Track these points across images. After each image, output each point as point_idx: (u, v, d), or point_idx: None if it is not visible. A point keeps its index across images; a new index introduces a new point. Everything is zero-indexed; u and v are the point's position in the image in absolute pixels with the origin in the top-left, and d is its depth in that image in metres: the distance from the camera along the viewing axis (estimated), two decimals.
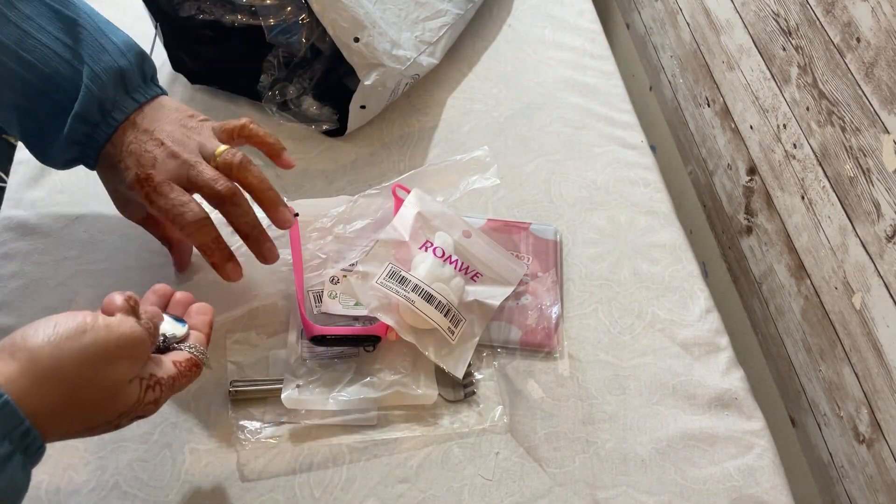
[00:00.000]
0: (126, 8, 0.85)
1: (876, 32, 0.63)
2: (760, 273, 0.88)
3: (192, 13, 0.71)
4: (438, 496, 0.54)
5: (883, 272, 0.64)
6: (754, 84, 0.85)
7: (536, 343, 0.62)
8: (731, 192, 0.93)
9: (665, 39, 1.10)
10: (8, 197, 0.68)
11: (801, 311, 0.79)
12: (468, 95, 0.83)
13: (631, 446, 0.58)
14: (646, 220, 0.73)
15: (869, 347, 0.67)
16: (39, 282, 0.62)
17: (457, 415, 0.58)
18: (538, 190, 0.74)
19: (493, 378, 0.60)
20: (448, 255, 0.61)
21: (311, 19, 0.69)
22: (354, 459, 0.55)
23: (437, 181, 0.67)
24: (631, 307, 0.66)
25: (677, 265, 0.70)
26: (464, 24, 0.86)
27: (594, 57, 0.89)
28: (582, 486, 0.55)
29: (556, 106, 0.83)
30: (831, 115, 0.70)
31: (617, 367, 0.62)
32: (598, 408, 0.60)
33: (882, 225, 0.64)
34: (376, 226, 0.65)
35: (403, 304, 0.57)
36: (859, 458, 0.70)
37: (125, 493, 0.52)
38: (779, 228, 0.82)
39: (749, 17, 0.85)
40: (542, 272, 0.67)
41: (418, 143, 0.78)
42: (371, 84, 0.71)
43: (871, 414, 0.68)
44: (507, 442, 0.57)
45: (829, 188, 0.71)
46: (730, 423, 0.60)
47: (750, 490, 0.56)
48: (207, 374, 0.58)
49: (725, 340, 0.65)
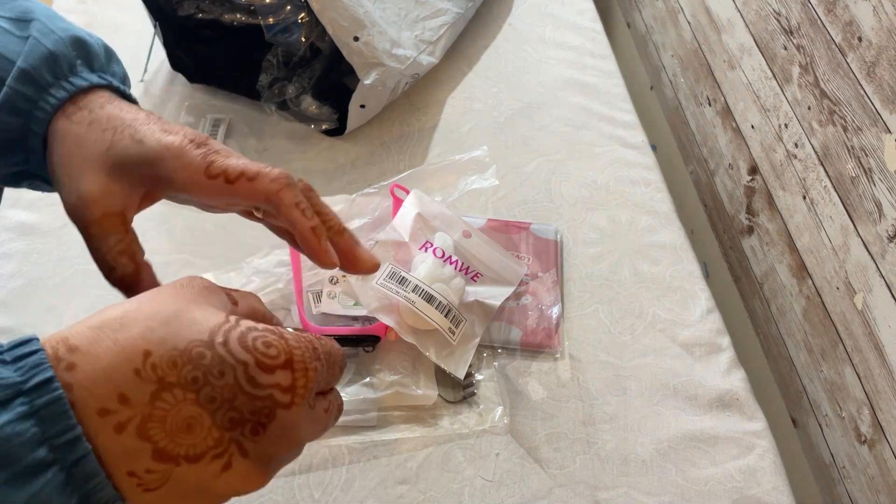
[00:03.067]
0: (126, 8, 0.85)
1: (877, 32, 0.63)
2: (762, 273, 0.87)
3: (191, 12, 0.71)
4: (438, 497, 0.54)
5: (885, 272, 0.64)
6: (755, 83, 0.84)
7: (537, 343, 0.62)
8: (732, 192, 0.93)
9: (666, 38, 1.10)
10: (7, 196, 0.68)
11: (802, 312, 0.78)
12: (468, 95, 0.83)
13: (632, 447, 0.58)
14: (646, 219, 0.73)
15: (871, 348, 0.67)
16: (39, 281, 0.62)
17: (457, 415, 0.58)
18: (538, 190, 0.74)
19: (494, 378, 0.60)
20: (448, 255, 0.61)
21: (310, 18, 0.69)
22: (354, 460, 0.55)
23: (436, 181, 0.67)
24: (632, 307, 0.66)
25: (678, 265, 0.69)
26: (464, 23, 0.86)
27: (595, 56, 0.89)
28: (583, 486, 0.55)
29: (557, 105, 0.83)
30: (833, 115, 0.70)
31: (618, 368, 0.62)
32: (598, 408, 0.59)
33: (884, 225, 0.64)
34: (374, 225, 0.65)
35: (404, 304, 0.57)
36: (861, 459, 0.70)
37: None
38: (780, 228, 0.82)
39: (750, 16, 0.84)
40: (542, 272, 0.66)
41: (418, 143, 0.77)
42: (371, 83, 0.71)
43: (872, 414, 0.67)
44: (508, 443, 0.57)
45: (831, 188, 0.71)
46: (731, 424, 0.59)
47: (751, 491, 0.56)
48: None
49: (727, 341, 0.65)
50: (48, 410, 0.25)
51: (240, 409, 0.28)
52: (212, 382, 0.28)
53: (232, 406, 0.28)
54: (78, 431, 0.26)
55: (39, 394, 0.25)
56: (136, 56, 0.79)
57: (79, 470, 0.26)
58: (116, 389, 0.27)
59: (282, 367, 0.29)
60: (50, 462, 0.25)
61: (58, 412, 0.25)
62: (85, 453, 0.26)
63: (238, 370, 0.28)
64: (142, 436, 0.27)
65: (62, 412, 0.25)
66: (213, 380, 0.28)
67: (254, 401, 0.29)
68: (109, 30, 0.84)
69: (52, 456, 0.25)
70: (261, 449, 0.29)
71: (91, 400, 0.26)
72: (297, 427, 0.30)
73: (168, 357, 0.27)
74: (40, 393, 0.25)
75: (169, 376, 0.27)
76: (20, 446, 0.25)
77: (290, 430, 0.30)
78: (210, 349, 0.28)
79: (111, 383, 0.27)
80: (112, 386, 0.27)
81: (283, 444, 0.30)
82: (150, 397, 0.27)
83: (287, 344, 0.30)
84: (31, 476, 0.25)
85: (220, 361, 0.28)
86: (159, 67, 0.81)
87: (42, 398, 0.25)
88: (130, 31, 0.84)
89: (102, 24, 0.84)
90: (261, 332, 0.30)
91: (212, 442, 0.28)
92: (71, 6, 0.85)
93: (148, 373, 0.27)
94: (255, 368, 0.29)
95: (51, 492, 0.25)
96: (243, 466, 0.29)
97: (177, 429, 0.27)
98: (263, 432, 0.29)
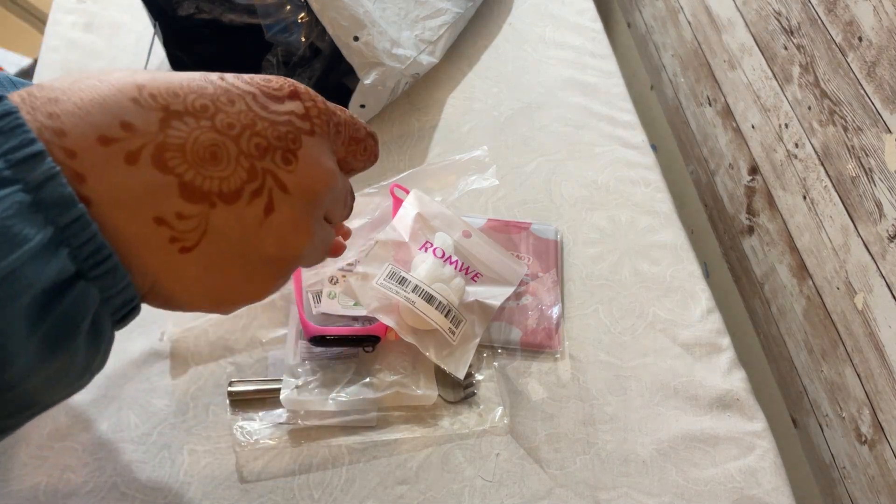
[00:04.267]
0: (126, 7, 0.85)
1: (878, 32, 0.62)
2: (762, 273, 0.87)
3: (190, 12, 0.71)
4: (438, 497, 0.54)
5: (885, 272, 0.64)
6: (756, 83, 0.84)
7: (537, 343, 0.62)
8: (732, 192, 0.93)
9: (666, 38, 1.10)
10: None
11: (802, 312, 0.78)
12: (468, 95, 0.83)
13: (632, 447, 0.58)
14: (647, 219, 0.73)
15: (871, 348, 0.67)
16: None
17: (457, 416, 0.58)
18: (538, 190, 0.74)
19: (494, 379, 0.60)
20: (448, 255, 0.61)
21: (310, 18, 0.69)
22: (354, 461, 0.55)
23: (436, 181, 0.67)
24: (632, 307, 0.66)
25: (678, 265, 0.69)
26: (464, 22, 0.86)
27: (595, 56, 0.89)
28: (583, 487, 0.55)
29: (557, 105, 0.83)
30: (833, 115, 0.70)
31: (618, 368, 0.62)
32: (599, 409, 0.59)
33: (884, 225, 0.64)
34: (374, 224, 0.65)
35: (404, 304, 0.57)
36: (861, 459, 0.70)
37: (123, 494, 0.52)
38: (780, 228, 0.82)
39: (750, 15, 0.84)
40: (542, 272, 0.66)
41: (418, 143, 0.77)
42: (371, 83, 0.71)
43: (872, 415, 0.67)
44: (508, 443, 0.57)
45: (831, 188, 0.71)
46: (731, 424, 0.59)
47: (752, 491, 0.56)
48: (206, 375, 0.58)
49: (727, 341, 0.65)
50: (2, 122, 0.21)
51: (263, 134, 0.25)
52: (224, 109, 0.25)
53: (254, 131, 0.25)
54: (39, 146, 0.21)
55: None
56: (136, 56, 0.79)
57: (47, 194, 0.21)
58: (116, 117, 0.22)
59: (289, 98, 0.27)
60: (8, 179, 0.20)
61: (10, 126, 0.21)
62: (53, 172, 0.21)
63: (247, 98, 0.26)
64: (160, 166, 0.23)
65: (16, 126, 0.21)
66: (224, 107, 0.25)
67: (276, 126, 0.26)
68: (109, 30, 0.84)
69: (9, 173, 0.20)
70: (298, 182, 0.26)
71: (85, 127, 0.22)
72: (326, 160, 0.28)
73: (166, 87, 0.24)
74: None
75: (173, 104, 0.24)
76: None
77: (320, 161, 0.27)
78: (209, 83, 0.25)
79: (108, 112, 0.22)
80: (110, 115, 0.22)
81: (319, 173, 0.27)
82: (159, 124, 0.23)
83: (285, 79, 0.28)
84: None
85: (225, 91, 0.25)
86: (159, 67, 0.81)
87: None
88: (130, 31, 0.84)
89: (102, 24, 0.84)
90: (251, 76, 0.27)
91: (244, 174, 0.24)
92: (71, 6, 0.85)
93: (147, 101, 0.23)
94: (264, 97, 0.26)
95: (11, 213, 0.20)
96: (287, 207, 0.26)
97: (200, 158, 0.23)
98: (295, 161, 0.26)
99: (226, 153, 0.24)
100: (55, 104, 0.22)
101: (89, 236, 0.21)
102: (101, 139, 0.22)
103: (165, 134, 0.23)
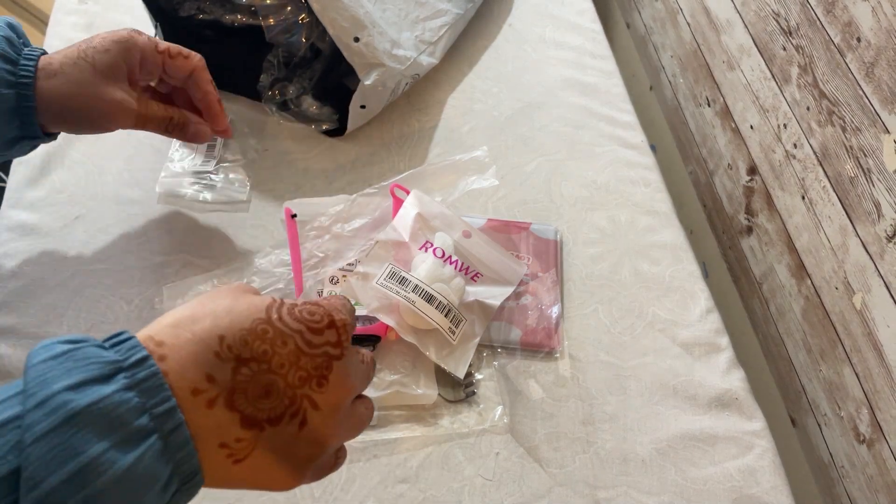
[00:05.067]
0: (126, 8, 0.85)
1: (876, 32, 0.63)
2: (761, 273, 0.87)
3: (191, 13, 0.71)
4: (438, 496, 0.54)
5: (883, 272, 0.64)
6: (755, 84, 0.85)
7: (537, 343, 0.62)
8: (731, 192, 0.93)
9: (665, 39, 1.10)
10: (8, 197, 0.68)
11: (801, 312, 0.79)
12: (468, 95, 0.83)
13: (631, 446, 0.58)
14: (646, 219, 0.73)
15: (869, 347, 0.67)
16: (39, 282, 0.62)
17: (457, 415, 0.58)
18: (538, 190, 0.74)
19: (494, 378, 0.60)
20: (448, 255, 0.61)
21: (310, 19, 0.69)
22: (354, 460, 0.55)
23: (436, 181, 0.67)
24: (631, 307, 0.66)
25: (678, 265, 0.70)
26: (464, 23, 0.86)
27: (594, 56, 0.89)
28: (582, 486, 0.55)
29: (557, 105, 0.83)
30: (832, 115, 0.70)
31: (617, 368, 0.62)
32: (598, 408, 0.60)
33: (882, 225, 0.64)
34: (374, 225, 0.65)
35: (404, 304, 0.57)
36: (860, 459, 0.70)
37: None
38: (779, 228, 0.82)
39: (749, 16, 0.85)
40: (542, 272, 0.67)
41: (418, 143, 0.78)
42: (371, 84, 0.71)
43: (871, 414, 0.68)
44: (508, 442, 0.57)
45: (830, 188, 0.71)
46: (730, 424, 0.60)
47: (750, 490, 0.56)
48: None
49: (726, 341, 0.65)
50: (147, 384, 0.28)
51: (305, 367, 0.33)
52: (279, 352, 0.33)
53: (299, 366, 0.33)
54: (173, 402, 0.29)
55: (138, 370, 0.29)
56: None
57: (173, 439, 0.29)
58: (203, 371, 0.30)
59: (327, 328, 0.35)
60: (151, 430, 0.28)
61: (155, 385, 0.29)
62: (179, 423, 0.29)
63: (296, 337, 0.33)
64: (230, 406, 0.31)
65: (159, 385, 0.29)
66: (279, 349, 0.33)
67: (314, 358, 0.34)
68: (110, 30, 0.84)
69: (152, 424, 0.28)
70: (327, 399, 0.34)
71: (184, 382, 0.30)
72: (350, 373, 0.36)
73: (240, 337, 0.32)
74: (138, 369, 0.29)
75: (244, 353, 0.32)
76: (126, 413, 0.27)
77: (346, 376, 0.35)
78: (270, 325, 0.33)
79: (198, 367, 0.30)
80: (200, 369, 0.30)
81: (343, 390, 0.35)
82: (231, 373, 0.31)
83: (325, 309, 0.36)
84: (136, 442, 0.27)
85: (281, 333, 0.33)
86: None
87: (141, 373, 0.29)
88: None
89: (103, 25, 0.84)
90: (301, 304, 0.35)
91: (287, 401, 0.32)
92: (71, 7, 0.85)
93: (226, 353, 0.31)
94: (309, 333, 0.34)
95: (151, 458, 0.28)
96: (318, 420, 0.33)
97: (257, 396, 0.31)
98: (327, 383, 0.34)
99: (276, 389, 0.32)
100: (164, 362, 0.30)
101: (193, 469, 0.30)
102: (194, 391, 0.30)
103: (235, 380, 0.31)
